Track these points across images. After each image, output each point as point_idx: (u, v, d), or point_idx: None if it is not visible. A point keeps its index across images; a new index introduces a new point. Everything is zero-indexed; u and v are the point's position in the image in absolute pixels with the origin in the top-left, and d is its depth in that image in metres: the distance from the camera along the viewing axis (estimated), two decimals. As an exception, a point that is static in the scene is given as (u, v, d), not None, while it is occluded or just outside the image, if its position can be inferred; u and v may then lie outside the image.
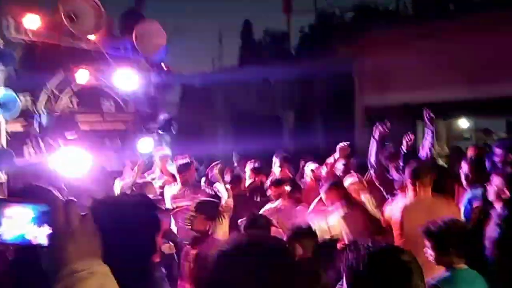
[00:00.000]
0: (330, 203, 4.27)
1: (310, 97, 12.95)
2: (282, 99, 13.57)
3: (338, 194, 4.23)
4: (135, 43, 6.78)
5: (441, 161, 6.54)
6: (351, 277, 1.57)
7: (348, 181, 4.65)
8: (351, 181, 4.66)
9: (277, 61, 14.71)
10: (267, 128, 13.30)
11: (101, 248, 1.19)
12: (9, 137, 5.58)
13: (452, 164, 6.15)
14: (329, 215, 4.27)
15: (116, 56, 6.70)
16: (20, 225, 1.18)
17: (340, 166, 5.50)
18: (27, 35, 5.60)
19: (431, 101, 8.84)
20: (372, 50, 9.90)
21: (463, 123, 11.62)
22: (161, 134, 7.03)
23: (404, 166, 4.77)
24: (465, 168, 4.33)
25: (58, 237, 1.16)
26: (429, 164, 4.06)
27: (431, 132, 4.75)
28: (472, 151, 4.39)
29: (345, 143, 5.67)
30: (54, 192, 2.48)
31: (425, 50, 8.89)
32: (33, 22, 5.57)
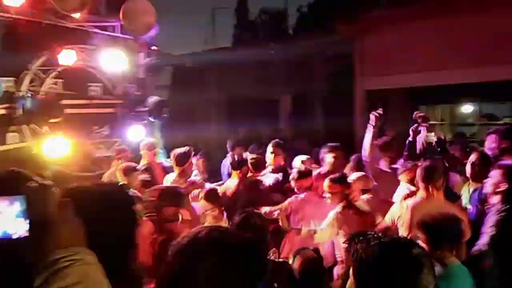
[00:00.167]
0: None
1: (308, 80, 12.88)
2: (279, 82, 13.50)
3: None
4: (123, 22, 6.71)
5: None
6: (360, 269, 1.56)
7: (353, 177, 4.56)
8: (357, 176, 4.59)
9: (273, 41, 14.59)
10: (263, 112, 13.27)
11: (85, 236, 1.19)
12: (-9, 122, 5.54)
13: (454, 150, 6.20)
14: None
15: (103, 35, 6.63)
16: (7, 220, 1.18)
17: (329, 159, 5.32)
18: (8, 13, 5.52)
19: (435, 84, 8.85)
20: (374, 30, 9.80)
21: (467, 107, 11.63)
22: (152, 121, 6.98)
23: (408, 155, 4.78)
24: (468, 168, 4.39)
25: (36, 226, 1.16)
26: (442, 165, 4.07)
27: (425, 128, 4.81)
28: (475, 156, 4.45)
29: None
30: (37, 179, 2.48)
31: (429, 30, 8.83)
32: (15, -1, 5.47)
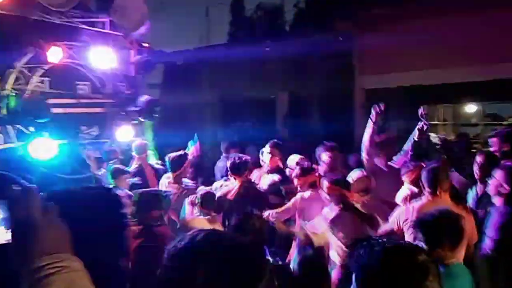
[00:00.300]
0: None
1: (305, 78, 12.89)
2: (275, 80, 13.50)
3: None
4: (113, 17, 6.68)
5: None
6: (363, 275, 1.56)
7: (354, 175, 4.53)
8: (357, 176, 4.53)
9: (270, 38, 14.59)
10: (259, 111, 13.26)
11: (71, 241, 1.17)
12: (-26, 122, 5.51)
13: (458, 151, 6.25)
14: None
15: (92, 32, 6.60)
16: None
17: (325, 158, 5.35)
18: (-8, 8, 5.49)
19: (437, 83, 8.88)
20: (373, 27, 9.83)
21: (470, 107, 11.68)
22: (142, 120, 6.95)
23: (413, 156, 4.80)
24: (476, 170, 4.45)
25: (20, 231, 1.13)
26: (447, 166, 4.10)
27: (426, 125, 4.84)
28: (481, 158, 4.50)
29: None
30: (22, 182, 2.45)
31: (430, 28, 8.86)
32: (-1, -7, 5.43)
